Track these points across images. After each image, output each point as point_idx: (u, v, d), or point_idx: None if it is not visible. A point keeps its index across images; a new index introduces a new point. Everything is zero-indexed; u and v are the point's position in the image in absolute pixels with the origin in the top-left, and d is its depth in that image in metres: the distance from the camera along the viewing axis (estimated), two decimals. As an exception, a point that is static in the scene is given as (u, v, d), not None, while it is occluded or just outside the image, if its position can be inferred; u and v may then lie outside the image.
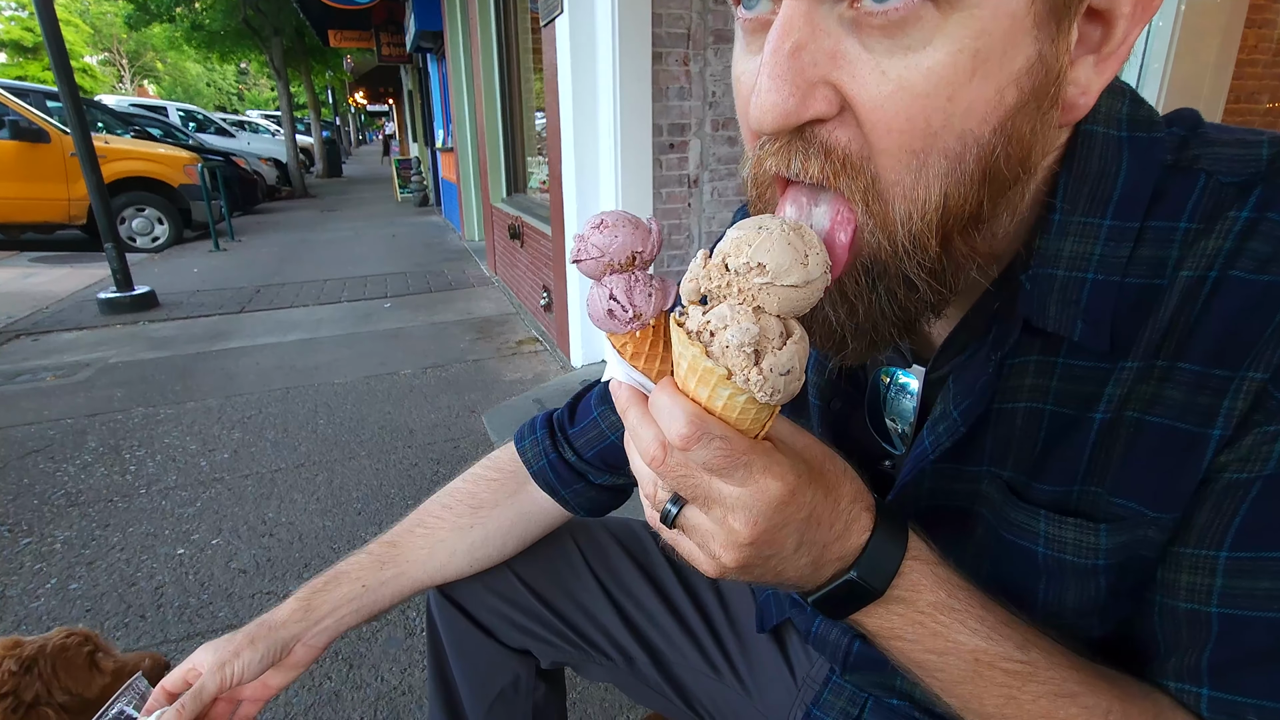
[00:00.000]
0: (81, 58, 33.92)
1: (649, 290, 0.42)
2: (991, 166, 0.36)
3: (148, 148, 8.09)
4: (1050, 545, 0.46)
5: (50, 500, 2.38)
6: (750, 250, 0.35)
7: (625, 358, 0.43)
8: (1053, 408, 0.45)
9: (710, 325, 0.35)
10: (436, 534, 0.79)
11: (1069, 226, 0.41)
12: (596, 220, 0.42)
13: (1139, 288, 0.41)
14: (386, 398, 3.28)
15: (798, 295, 0.35)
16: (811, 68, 0.35)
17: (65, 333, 4.44)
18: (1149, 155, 0.41)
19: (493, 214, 5.70)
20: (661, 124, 2.99)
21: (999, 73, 0.34)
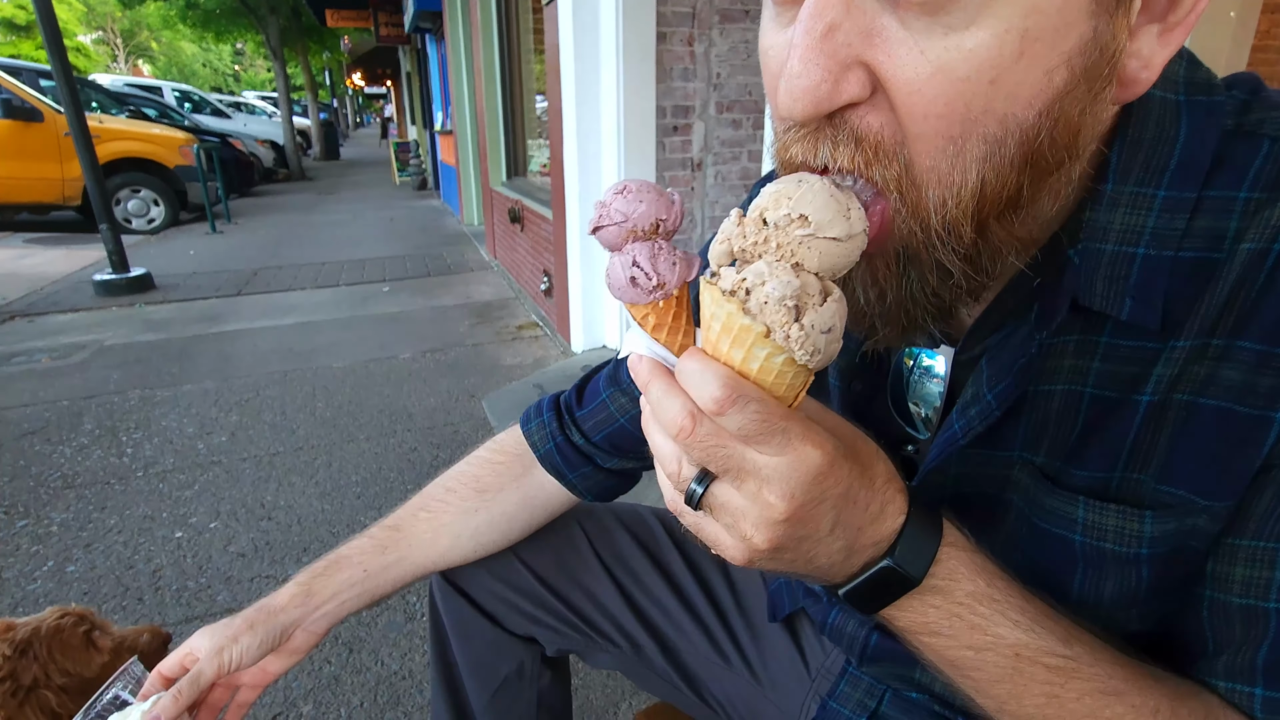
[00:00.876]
0: (75, 36, 33.47)
1: (673, 259, 0.39)
2: (1034, 151, 0.34)
3: (143, 128, 7.98)
4: (1089, 533, 0.43)
5: (46, 482, 2.36)
6: (791, 202, 0.33)
7: (647, 330, 0.41)
8: (1093, 390, 0.42)
9: (747, 282, 0.33)
10: (440, 518, 0.77)
11: (1120, 197, 0.39)
12: (619, 186, 0.40)
13: (1193, 261, 0.38)
14: (385, 381, 3.25)
15: (839, 251, 0.33)
16: (845, 48, 0.33)
17: (61, 314, 4.40)
18: (1209, 120, 0.39)
19: (492, 197, 5.64)
20: (665, 105, 2.95)
21: (1049, 53, 0.31)
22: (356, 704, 1.46)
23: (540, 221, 4.02)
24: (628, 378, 0.76)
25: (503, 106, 5.48)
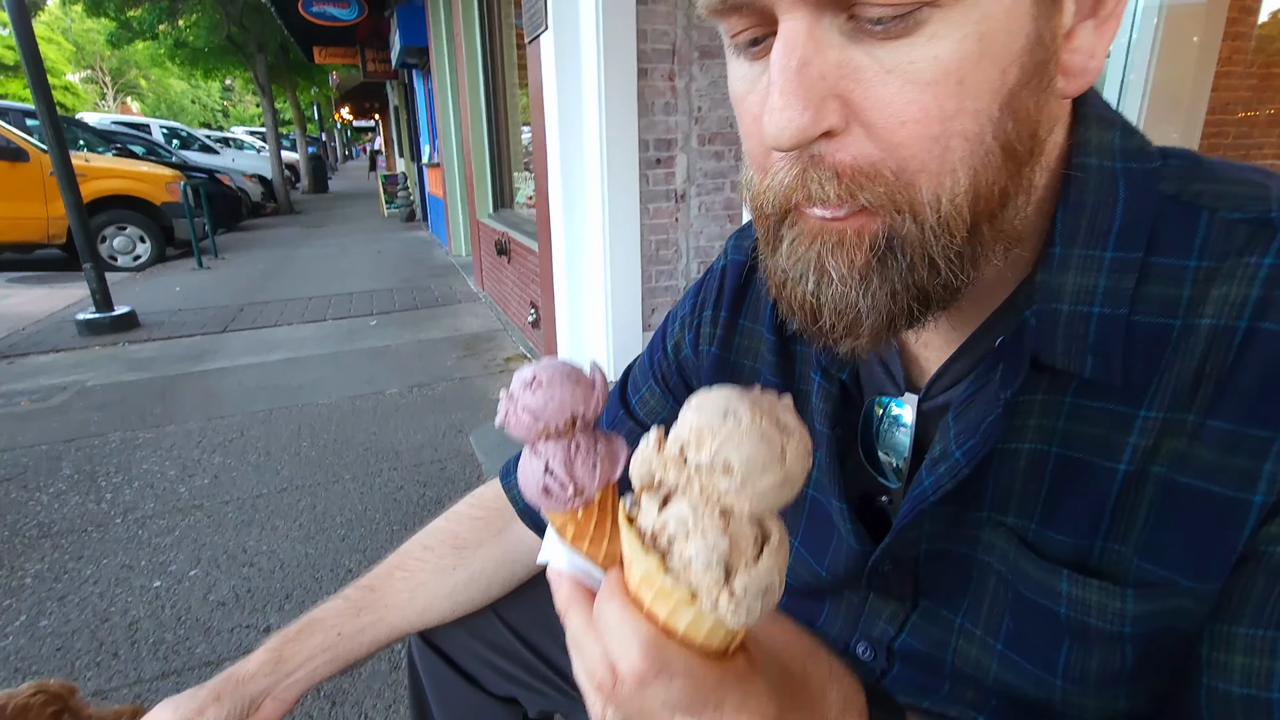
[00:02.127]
0: (63, 75, 33.65)
1: (593, 459, 0.36)
2: (1007, 143, 0.36)
3: (129, 166, 8.00)
4: (1073, 607, 0.42)
5: (22, 531, 2.30)
6: (715, 444, 0.29)
7: (567, 540, 0.37)
8: (1059, 450, 0.42)
9: (668, 530, 0.29)
10: (417, 576, 0.75)
11: (1070, 259, 0.40)
12: (529, 376, 0.37)
13: (1150, 326, 0.39)
14: (372, 418, 3.22)
15: (774, 496, 0.29)
16: (820, 81, 0.35)
17: (42, 355, 4.35)
18: (1146, 185, 0.40)
19: (479, 229, 5.67)
20: (648, 139, 2.98)
21: (1003, 53, 0.34)
22: (338, 761, 1.41)
23: (527, 253, 4.04)
24: (606, 429, 0.75)
25: (489, 139, 5.54)
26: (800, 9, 0.34)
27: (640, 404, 0.72)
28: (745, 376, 0.62)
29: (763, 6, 0.35)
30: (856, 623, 0.56)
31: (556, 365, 0.37)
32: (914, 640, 0.52)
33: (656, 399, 0.71)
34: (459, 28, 5.38)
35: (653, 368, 0.72)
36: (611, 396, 0.76)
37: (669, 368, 0.70)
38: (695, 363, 0.67)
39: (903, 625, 0.53)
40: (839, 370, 0.53)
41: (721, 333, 0.64)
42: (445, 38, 6.51)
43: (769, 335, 0.59)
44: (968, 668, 0.49)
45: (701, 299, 0.67)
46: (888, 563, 0.51)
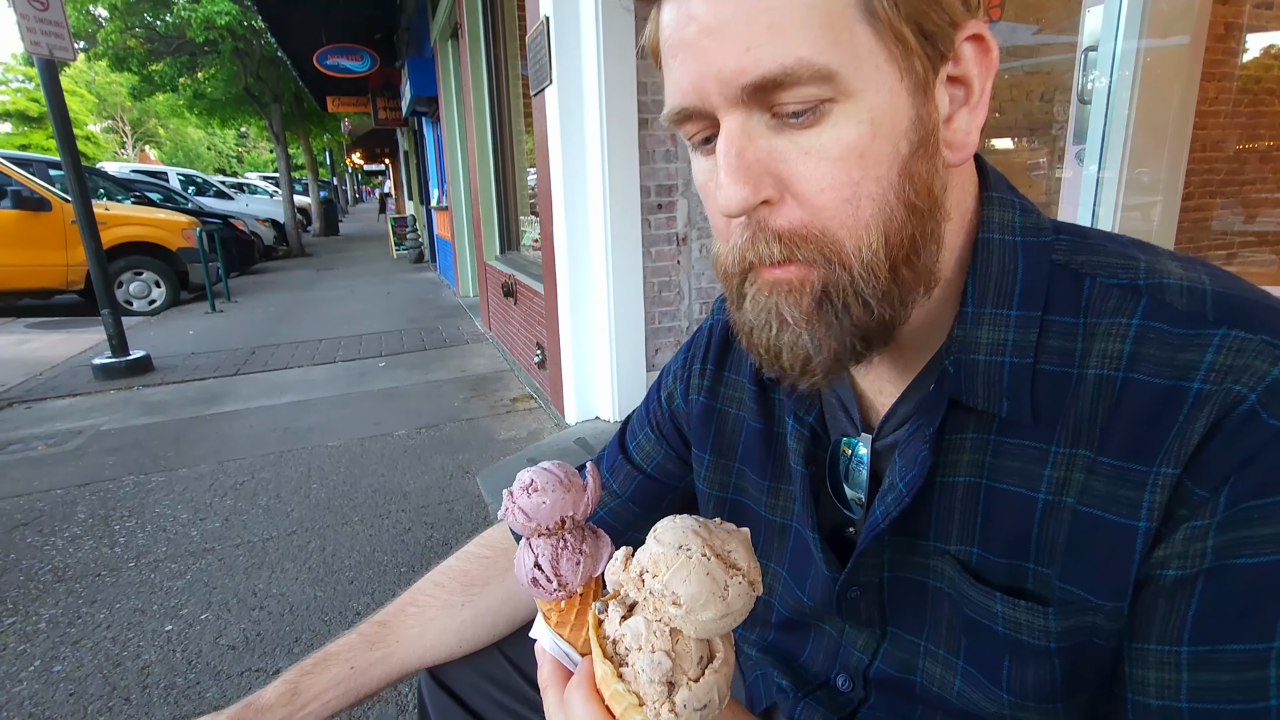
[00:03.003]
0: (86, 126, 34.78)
1: (577, 558, 0.41)
2: (908, 202, 0.43)
3: (147, 213, 8.23)
4: (1008, 625, 0.48)
5: (37, 576, 2.34)
6: (667, 575, 0.33)
7: (551, 625, 0.42)
8: (988, 482, 0.49)
9: (625, 641, 0.34)
10: (427, 612, 0.79)
11: (982, 317, 0.48)
12: (526, 480, 0.42)
13: (1054, 373, 0.46)
14: (380, 459, 3.27)
15: (716, 626, 0.33)
16: (755, 163, 0.43)
17: (59, 400, 4.44)
18: (1040, 255, 0.48)
19: (486, 271, 5.78)
20: (649, 185, 3.09)
21: (892, 132, 0.42)
22: (346, 805, 1.42)
23: (532, 295, 4.13)
24: (607, 472, 0.80)
25: (495, 183, 5.70)
26: (735, 111, 0.43)
27: (637, 449, 0.78)
28: (730, 422, 0.68)
29: (708, 112, 0.44)
30: (835, 654, 0.61)
31: (552, 472, 0.43)
32: (886, 666, 0.57)
33: (652, 445, 0.77)
34: (467, 77, 5.58)
35: (649, 417, 0.78)
36: (612, 442, 0.82)
37: (663, 417, 0.76)
38: (686, 411, 0.73)
39: (875, 653, 0.58)
40: (806, 414, 0.60)
41: (709, 383, 0.70)
42: (454, 87, 6.75)
43: (750, 385, 0.66)
44: (934, 686, 0.54)
45: (691, 354, 0.73)
46: (855, 588, 0.56)
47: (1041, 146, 4.75)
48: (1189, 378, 0.41)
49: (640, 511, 0.77)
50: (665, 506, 0.78)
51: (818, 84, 0.40)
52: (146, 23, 12.09)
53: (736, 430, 0.67)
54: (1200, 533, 0.40)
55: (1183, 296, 0.43)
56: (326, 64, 9.44)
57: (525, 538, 0.42)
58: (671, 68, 0.45)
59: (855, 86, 0.40)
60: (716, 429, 0.69)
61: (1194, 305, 0.43)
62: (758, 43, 0.40)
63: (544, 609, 0.42)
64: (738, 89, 0.41)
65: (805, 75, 0.39)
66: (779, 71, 0.40)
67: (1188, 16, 2.37)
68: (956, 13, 0.43)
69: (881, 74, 0.41)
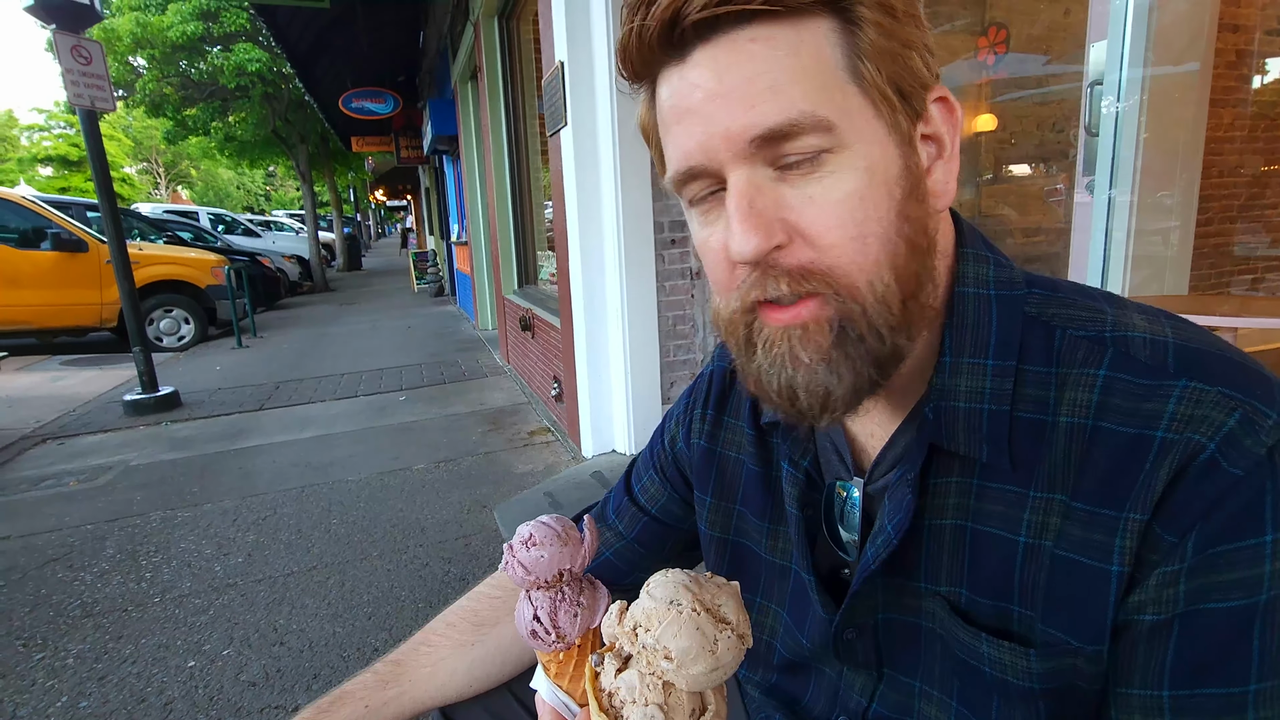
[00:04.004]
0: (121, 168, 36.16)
1: (574, 610, 0.43)
2: (909, 239, 0.46)
3: (178, 252, 8.51)
4: (994, 667, 0.49)
5: (66, 611, 2.39)
6: (658, 630, 0.35)
7: (550, 675, 0.44)
8: (973, 525, 0.50)
9: (620, 693, 0.35)
10: (439, 651, 0.81)
11: (960, 366, 0.50)
12: (526, 534, 0.44)
13: (1029, 420, 0.48)
14: (399, 494, 3.30)
15: (707, 679, 0.35)
16: (765, 211, 0.45)
17: (90, 435, 4.56)
18: (1013, 308, 0.51)
19: (505, 305, 5.88)
20: (663, 221, 3.14)
21: (885, 179, 0.45)
22: (362, 846, 1.42)
23: (549, 329, 4.18)
24: (613, 514, 0.82)
25: (513, 219, 5.82)
26: (741, 165, 0.46)
27: (642, 491, 0.80)
28: (730, 465, 0.71)
29: (714, 170, 0.47)
30: (835, 696, 0.62)
31: (550, 526, 0.44)
32: (883, 708, 0.58)
33: (656, 487, 0.79)
34: (486, 117, 5.76)
35: (653, 460, 0.80)
36: (618, 485, 0.84)
37: (666, 460, 0.78)
38: (688, 454, 0.75)
39: (873, 695, 0.59)
40: (801, 458, 0.62)
41: (709, 428, 0.73)
42: (474, 126, 6.95)
43: (749, 430, 0.68)
44: None
45: (693, 400, 0.76)
46: (850, 630, 0.58)
47: (1059, 173, 4.77)
48: (1153, 427, 0.43)
49: (645, 552, 0.79)
50: (670, 547, 0.79)
51: (819, 134, 0.43)
52: (181, 70, 12.63)
53: (736, 473, 0.69)
54: (1171, 578, 0.42)
55: (1146, 348, 0.46)
56: (351, 106, 9.78)
57: (525, 590, 0.44)
58: (676, 134, 0.48)
59: (850, 138, 0.44)
60: (717, 472, 0.71)
61: (1156, 357, 0.45)
62: (761, 101, 0.43)
63: (543, 660, 0.44)
64: (745, 143, 0.44)
65: (808, 125, 0.43)
66: (785, 123, 0.43)
67: (1196, 44, 2.39)
68: (924, 77, 0.47)
69: (871, 127, 0.45)
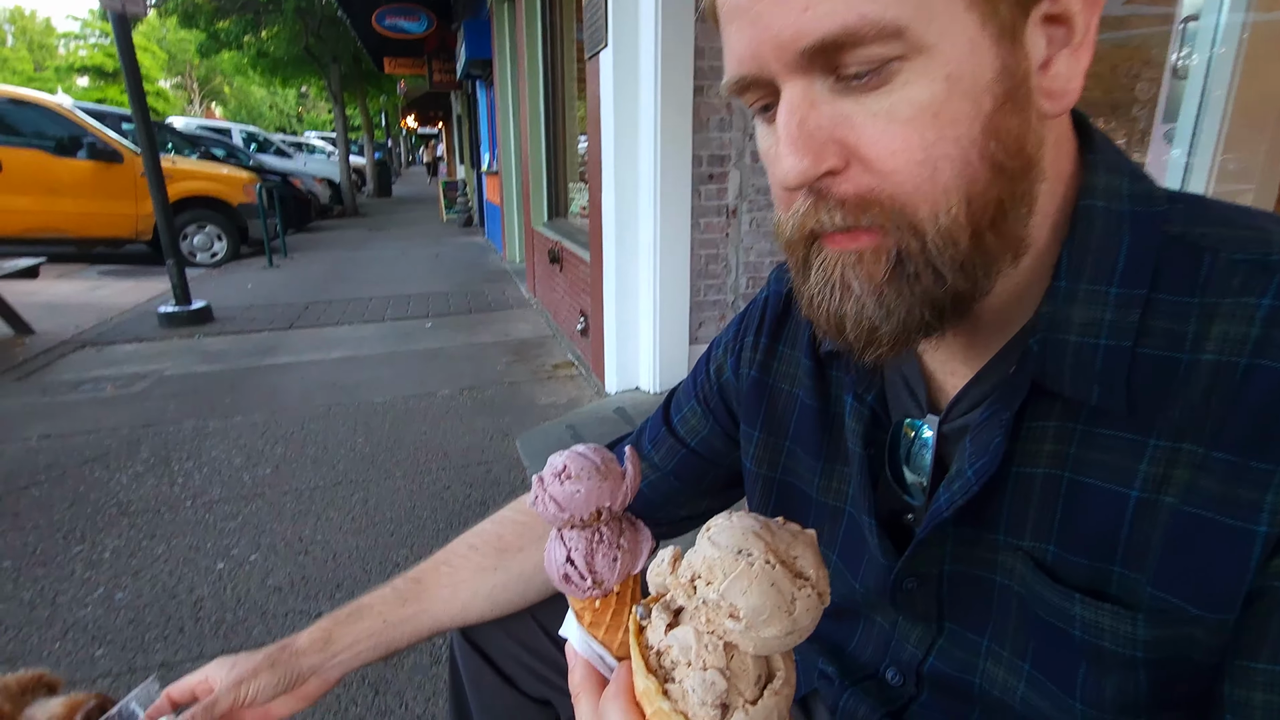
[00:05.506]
0: (156, 82, 35.96)
1: (614, 553, 0.37)
2: (995, 162, 0.39)
3: (211, 168, 8.50)
4: (1087, 630, 0.44)
5: (103, 509, 2.47)
6: (724, 584, 0.29)
7: (584, 625, 0.39)
8: (1071, 475, 0.44)
9: (672, 654, 0.30)
10: (460, 573, 0.79)
11: (1076, 294, 0.43)
12: (559, 465, 0.38)
13: (1156, 358, 0.41)
14: (423, 418, 3.34)
15: (779, 644, 0.29)
16: (818, 131, 0.40)
17: (126, 344, 4.66)
18: (1151, 228, 0.43)
19: (533, 237, 5.79)
20: (701, 154, 3.01)
21: (972, 87, 0.38)
22: (379, 747, 1.47)
23: (578, 263, 4.11)
24: (649, 444, 0.78)
25: (546, 149, 5.67)
26: (796, 77, 0.40)
27: (682, 423, 0.76)
28: (783, 399, 0.65)
29: (767, 80, 0.41)
30: (886, 647, 0.58)
31: (587, 457, 0.39)
32: (941, 663, 0.53)
33: (697, 418, 0.74)
34: (522, 41, 5.53)
35: (696, 389, 0.75)
36: (656, 414, 0.79)
37: (711, 390, 0.73)
38: (736, 385, 0.70)
39: (930, 648, 0.54)
40: (866, 392, 0.56)
41: (761, 357, 0.67)
42: (508, 50, 6.70)
43: (806, 360, 0.62)
44: (995, 690, 0.50)
45: (744, 326, 0.70)
46: (911, 579, 0.53)
47: (1120, 127, 4.46)
48: None
49: (681, 487, 0.75)
50: (708, 483, 0.75)
51: (884, 42, 0.36)
52: (214, -22, 12.34)
53: (789, 408, 0.64)
54: None
55: None
56: (385, 23, 9.49)
57: (556, 529, 0.39)
58: (728, 35, 0.42)
59: (928, 40, 0.37)
60: (768, 406, 0.66)
61: None
62: (816, 1, 0.36)
63: (576, 608, 0.39)
64: (796, 53, 0.38)
65: (869, 34, 0.36)
66: (840, 31, 0.36)
67: (1306, -11, 2.16)
68: None
69: (959, 23, 0.37)
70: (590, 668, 0.39)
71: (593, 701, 0.37)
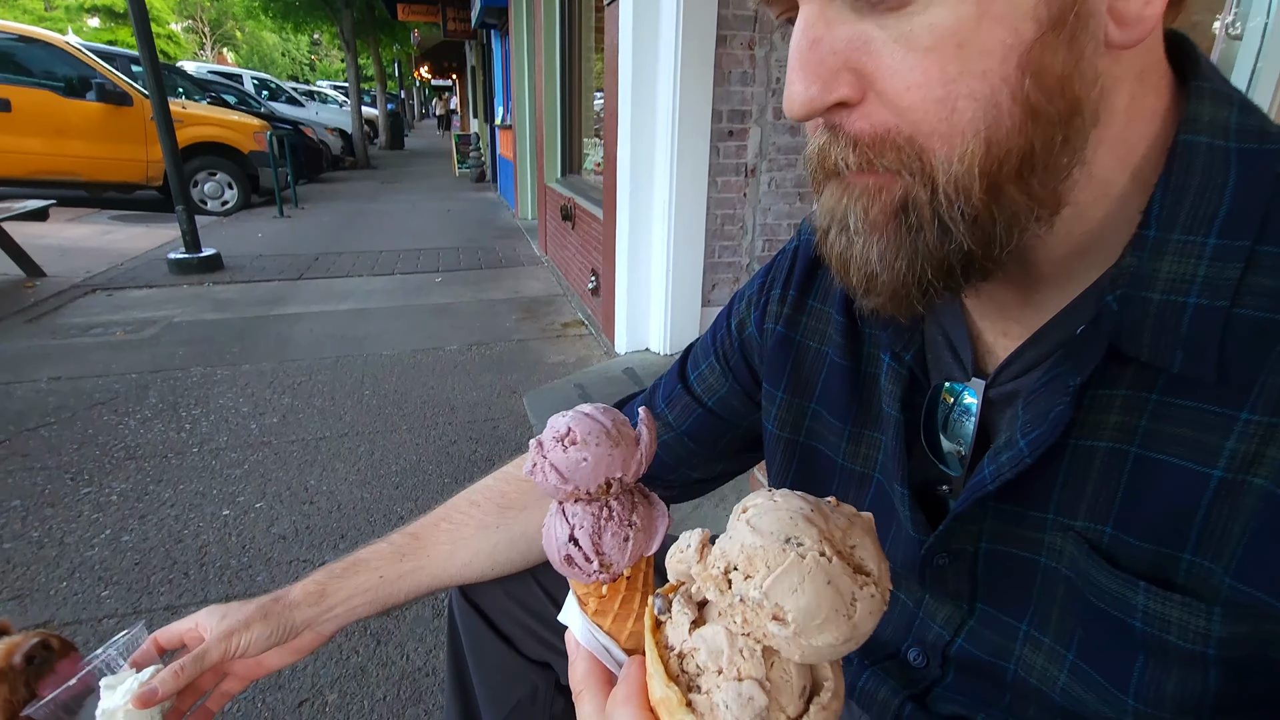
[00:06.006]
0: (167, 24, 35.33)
1: (625, 532, 0.32)
2: (1029, 104, 0.34)
3: (222, 114, 8.36)
4: (1150, 622, 0.39)
5: (111, 452, 2.48)
6: (768, 580, 0.24)
7: (587, 613, 0.34)
8: (1139, 450, 0.39)
9: (698, 657, 0.26)
10: (460, 531, 0.76)
11: (1166, 245, 0.37)
12: (562, 428, 0.32)
13: (1256, 320, 0.35)
14: (431, 372, 3.31)
15: (834, 652, 0.25)
16: (831, 56, 0.36)
17: (137, 290, 4.64)
18: (1260, 168, 0.37)
19: (546, 193, 5.69)
20: (722, 109, 2.90)
21: (1009, 11, 0.33)
22: (380, 697, 1.48)
23: (591, 220, 4.03)
24: (662, 401, 0.73)
25: (561, 103, 5.52)
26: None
27: (699, 380, 0.71)
28: (810, 357, 0.60)
29: None
30: (910, 626, 0.54)
31: (596, 420, 0.33)
32: (972, 646, 0.50)
33: (716, 376, 0.69)
34: (539, -12, 5.34)
35: (715, 345, 0.70)
36: (671, 370, 0.75)
37: (731, 346, 0.68)
38: (759, 341, 0.65)
39: (959, 629, 0.50)
40: (905, 350, 0.51)
41: (789, 311, 0.62)
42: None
43: (838, 317, 0.57)
44: (1032, 678, 0.46)
45: (771, 278, 0.65)
46: (943, 555, 0.49)
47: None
48: None
49: (695, 448, 0.71)
50: (725, 445, 0.71)
51: None
52: (225, -83, 11.97)
53: (817, 366, 0.59)
54: None
55: None
56: (398, -33, 9.20)
57: (558, 503, 0.34)
58: None
59: None
60: (794, 364, 0.61)
61: None
62: None
63: (579, 593, 0.35)
64: None
65: None
66: None
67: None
68: None
69: None
70: (595, 662, 0.35)
71: (598, 702, 0.33)
